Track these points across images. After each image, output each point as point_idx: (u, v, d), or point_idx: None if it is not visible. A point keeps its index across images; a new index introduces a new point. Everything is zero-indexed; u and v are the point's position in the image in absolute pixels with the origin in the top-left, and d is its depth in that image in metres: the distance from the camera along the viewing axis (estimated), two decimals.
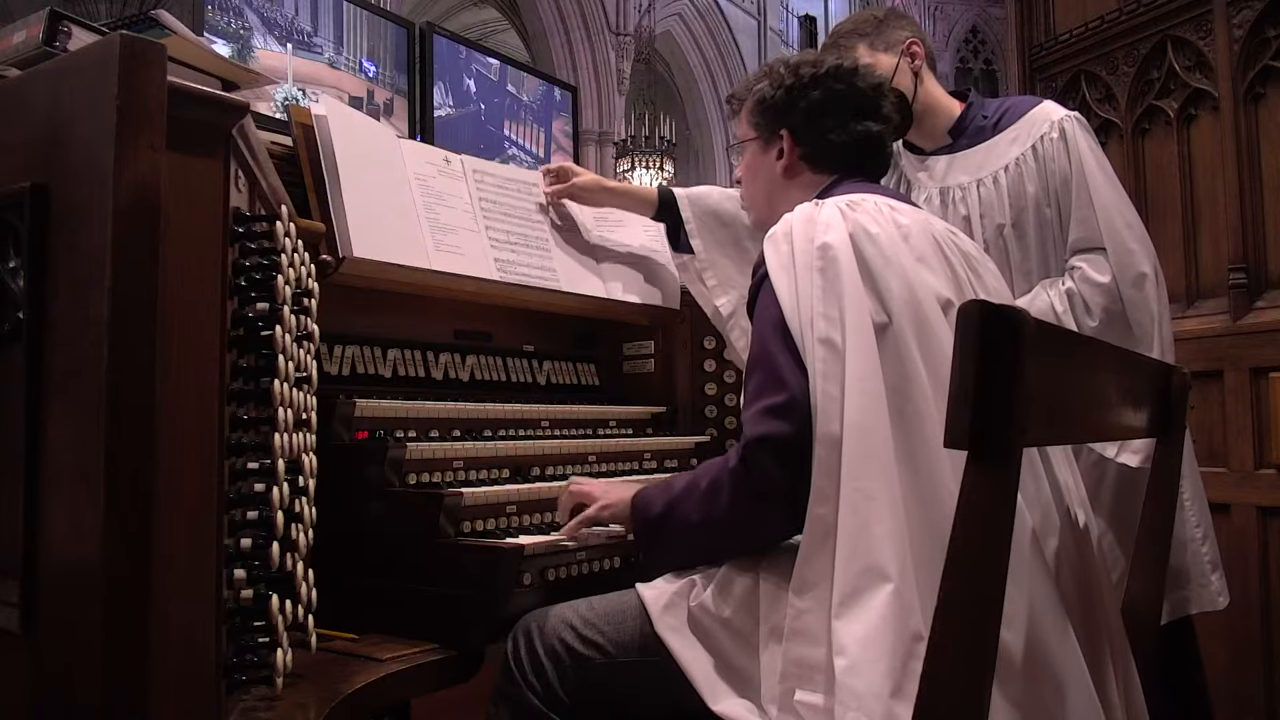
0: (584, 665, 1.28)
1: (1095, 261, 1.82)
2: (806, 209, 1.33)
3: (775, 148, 1.54)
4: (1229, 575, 1.93)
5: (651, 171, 12.20)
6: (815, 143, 1.50)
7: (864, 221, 1.28)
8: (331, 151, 1.59)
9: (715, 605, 1.23)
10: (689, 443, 2.04)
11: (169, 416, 0.86)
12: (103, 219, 0.81)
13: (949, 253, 1.33)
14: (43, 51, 1.17)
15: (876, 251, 1.25)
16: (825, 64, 1.51)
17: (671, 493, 1.32)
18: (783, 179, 1.54)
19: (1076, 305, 1.82)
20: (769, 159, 1.55)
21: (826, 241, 1.26)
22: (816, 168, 1.52)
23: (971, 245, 1.41)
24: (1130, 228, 1.82)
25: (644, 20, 14.67)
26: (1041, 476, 1.22)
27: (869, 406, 1.16)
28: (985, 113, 1.99)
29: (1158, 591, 1.37)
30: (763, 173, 1.57)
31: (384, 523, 1.42)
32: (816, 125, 1.50)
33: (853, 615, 1.09)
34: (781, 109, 1.52)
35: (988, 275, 1.37)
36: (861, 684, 1.05)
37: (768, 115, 1.54)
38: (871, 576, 1.09)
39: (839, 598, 1.10)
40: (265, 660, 1.01)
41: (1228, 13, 2.63)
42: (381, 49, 3.04)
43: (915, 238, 1.30)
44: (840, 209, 1.30)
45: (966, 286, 1.30)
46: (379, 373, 1.73)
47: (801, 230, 1.29)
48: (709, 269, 1.93)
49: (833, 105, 1.49)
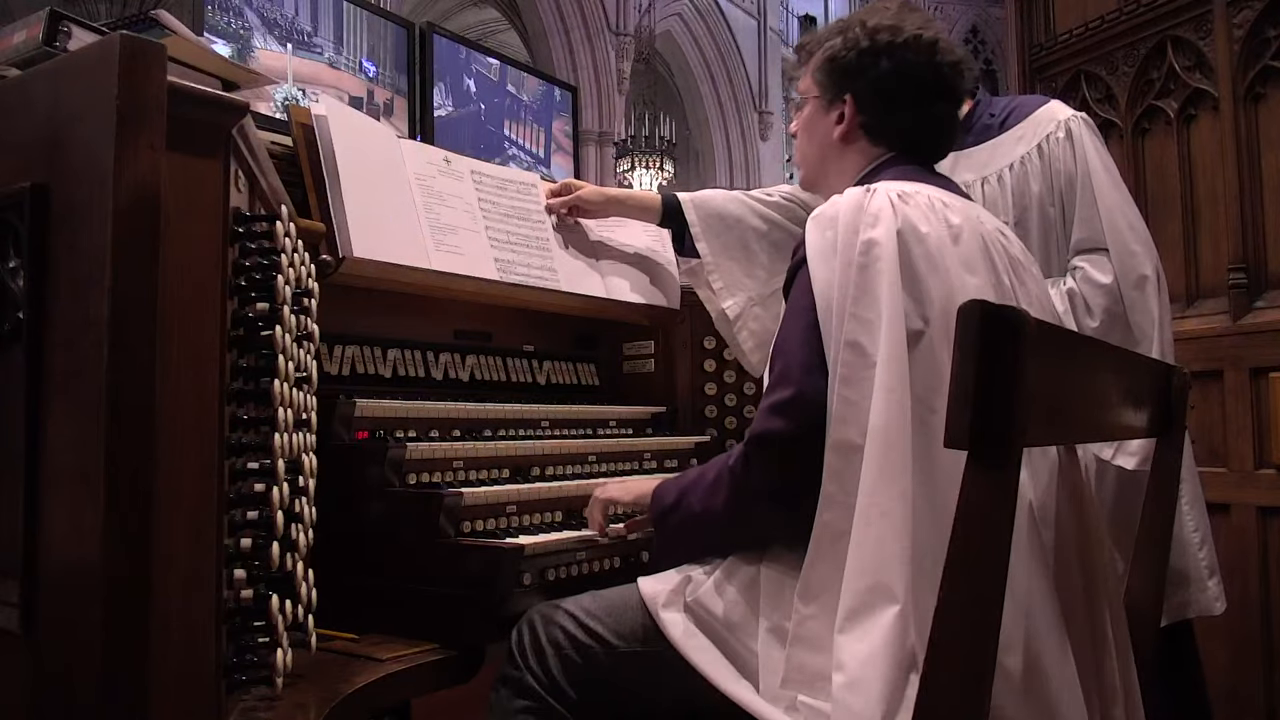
0: (586, 655, 1.28)
1: (1097, 262, 1.82)
2: (857, 195, 1.27)
3: (836, 110, 1.47)
4: (1229, 575, 1.93)
5: (651, 171, 12.20)
6: (878, 116, 1.43)
7: (915, 219, 1.23)
8: (331, 151, 1.59)
9: (712, 599, 1.24)
10: (689, 443, 2.04)
11: (169, 416, 0.86)
12: (103, 219, 0.81)
13: (996, 256, 1.28)
14: (43, 51, 1.17)
15: (924, 253, 1.20)
16: (904, 32, 1.41)
17: (683, 483, 1.34)
18: (839, 143, 1.47)
19: (1078, 305, 1.82)
20: (828, 120, 1.48)
21: (872, 238, 1.20)
22: (875, 139, 1.45)
23: (1019, 248, 1.36)
24: (1133, 229, 1.82)
25: (644, 20, 14.68)
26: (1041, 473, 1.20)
27: (895, 420, 1.12)
28: (992, 111, 1.99)
29: (1157, 592, 1.37)
30: (819, 133, 1.51)
31: (384, 523, 1.42)
32: (883, 98, 1.42)
33: (856, 633, 1.07)
34: (850, 72, 1.44)
35: (1031, 281, 1.33)
36: (858, 702, 1.04)
37: (834, 76, 1.46)
38: (879, 595, 1.07)
39: (844, 611, 1.09)
40: (265, 660, 1.01)
41: (1228, 13, 2.63)
42: (381, 49, 3.04)
43: (965, 240, 1.24)
44: (892, 200, 1.24)
45: (1009, 294, 1.26)
46: (379, 373, 1.73)
47: (848, 219, 1.24)
48: (715, 272, 1.92)
49: (904, 81, 1.41)
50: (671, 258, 2.16)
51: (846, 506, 1.13)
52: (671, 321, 2.17)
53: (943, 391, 1.14)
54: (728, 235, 1.92)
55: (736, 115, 16.70)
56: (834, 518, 1.14)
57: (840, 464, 1.15)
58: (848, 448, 1.14)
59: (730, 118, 16.69)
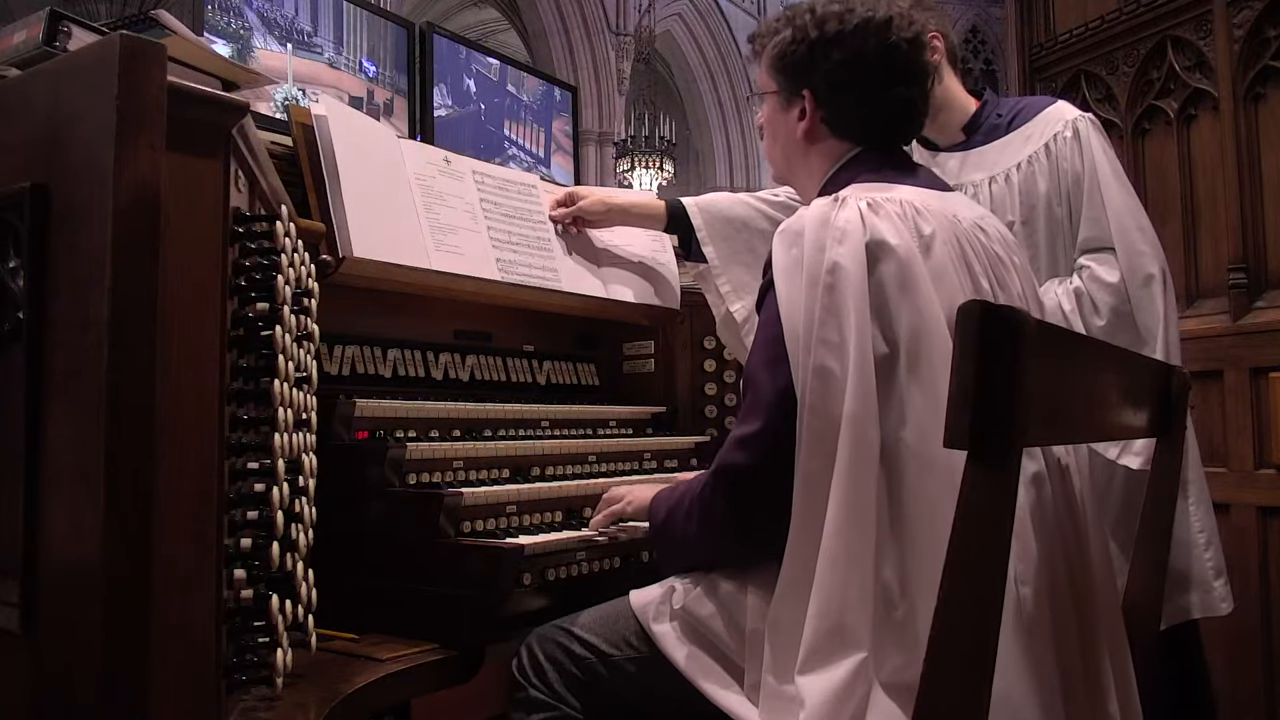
0: (584, 667, 1.30)
1: (1104, 261, 1.83)
2: (824, 208, 1.22)
3: (796, 107, 1.40)
4: (1229, 575, 1.93)
5: (651, 171, 12.19)
6: (838, 108, 1.37)
7: (884, 232, 1.18)
8: (331, 151, 1.59)
9: (699, 605, 1.25)
10: (689, 443, 2.04)
11: (169, 416, 0.86)
12: (103, 219, 0.81)
13: (973, 259, 1.23)
14: (43, 51, 1.17)
15: (891, 272, 1.16)
16: (853, 18, 1.34)
17: (670, 501, 1.35)
18: (803, 142, 1.40)
19: (1084, 304, 1.83)
20: (790, 118, 1.41)
21: (837, 260, 1.16)
22: (840, 134, 1.38)
23: (1001, 240, 1.31)
24: (1141, 230, 1.82)
25: (644, 20, 14.67)
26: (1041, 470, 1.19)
27: (862, 454, 1.10)
28: (1000, 111, 2.00)
29: (1157, 593, 1.36)
30: (782, 132, 1.44)
31: (384, 523, 1.42)
32: (840, 90, 1.35)
33: (817, 673, 1.06)
34: (803, 67, 1.37)
35: (1013, 280, 1.28)
36: None
37: (788, 72, 1.40)
38: (841, 639, 1.07)
39: (805, 653, 1.08)
40: (265, 660, 1.01)
41: (1228, 13, 2.63)
42: (381, 49, 3.04)
43: (937, 249, 1.19)
44: (861, 211, 1.20)
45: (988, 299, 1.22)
46: (379, 373, 1.73)
47: (814, 234, 1.20)
48: (723, 275, 1.91)
49: (860, 68, 1.34)
50: (672, 258, 2.16)
51: (814, 542, 1.11)
52: (671, 322, 2.17)
53: (910, 416, 1.12)
54: (735, 239, 1.92)
55: (736, 115, 16.68)
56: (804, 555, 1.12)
57: (809, 495, 1.13)
58: (815, 480, 1.12)
59: (730, 118, 16.68)
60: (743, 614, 1.22)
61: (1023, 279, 1.32)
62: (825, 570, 1.09)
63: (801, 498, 1.13)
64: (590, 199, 2.00)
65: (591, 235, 2.08)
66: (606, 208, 1.99)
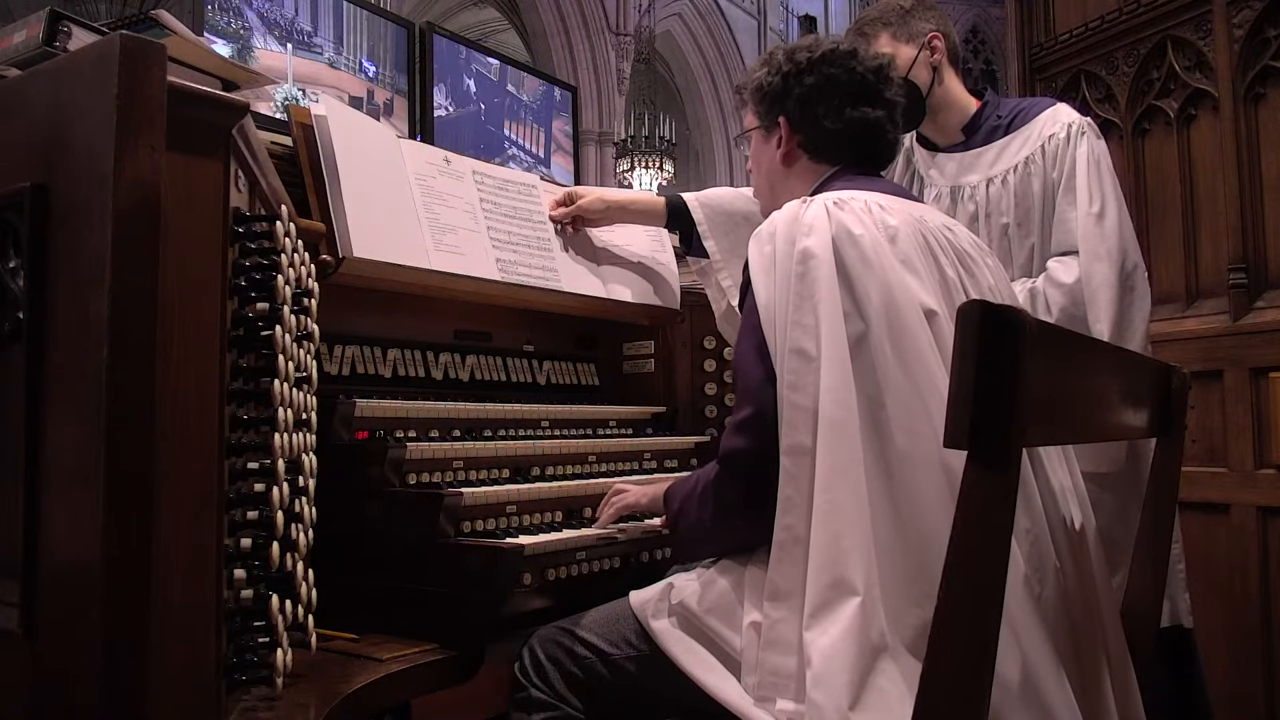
0: (584, 666, 1.32)
1: (1066, 263, 1.87)
2: (793, 208, 1.31)
3: (775, 136, 1.51)
4: (1229, 575, 1.93)
5: (651, 171, 12.21)
6: (810, 130, 1.48)
7: (848, 222, 1.26)
8: (331, 151, 1.59)
9: (697, 601, 1.27)
10: (689, 443, 2.04)
11: (169, 416, 0.86)
12: (103, 219, 0.81)
13: (939, 252, 1.30)
14: (43, 51, 1.17)
15: (858, 255, 1.23)
16: (820, 48, 1.48)
17: (684, 489, 1.39)
18: (782, 167, 1.52)
19: (1038, 303, 1.86)
20: (770, 147, 1.53)
21: (806, 247, 1.25)
22: (815, 156, 1.49)
23: (969, 241, 1.38)
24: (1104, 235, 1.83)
25: (644, 20, 14.67)
26: (1031, 482, 1.20)
27: (841, 418, 1.15)
28: (1000, 113, 2.01)
29: (1157, 594, 1.36)
30: (765, 162, 1.56)
31: (384, 523, 1.42)
32: (811, 111, 1.46)
33: (821, 627, 1.10)
34: (778, 95, 1.50)
35: (983, 274, 1.35)
36: (822, 696, 1.06)
37: (765, 103, 1.52)
38: (840, 590, 1.10)
39: (810, 609, 1.12)
40: (265, 660, 1.01)
41: (1228, 13, 2.63)
42: (381, 49, 3.04)
43: (902, 240, 1.27)
44: (827, 207, 1.28)
45: (957, 288, 1.28)
46: (379, 373, 1.73)
47: (785, 231, 1.29)
48: (724, 269, 1.92)
49: (827, 91, 1.45)
50: (672, 258, 2.16)
51: (804, 508, 1.15)
52: (671, 322, 2.17)
53: (893, 391, 1.17)
54: (736, 233, 1.92)
55: (736, 115, 16.67)
56: (793, 520, 1.17)
57: (795, 468, 1.18)
58: (799, 451, 1.17)
59: (730, 118, 16.68)
60: (740, 608, 1.23)
61: (995, 276, 1.38)
62: (818, 528, 1.13)
63: (788, 469, 1.18)
64: (590, 197, 2.00)
65: (591, 235, 2.08)
66: (606, 205, 1.99)
